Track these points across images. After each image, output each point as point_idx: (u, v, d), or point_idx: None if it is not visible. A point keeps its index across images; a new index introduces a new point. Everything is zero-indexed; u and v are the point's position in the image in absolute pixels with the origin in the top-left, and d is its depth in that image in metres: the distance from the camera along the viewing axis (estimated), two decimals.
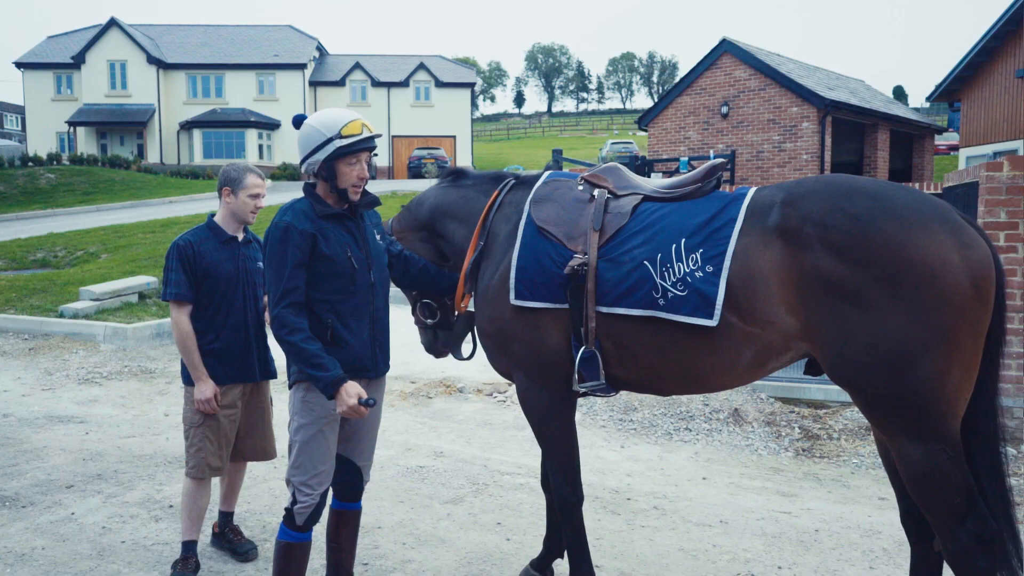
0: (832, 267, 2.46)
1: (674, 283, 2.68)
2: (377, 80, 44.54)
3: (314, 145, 2.87)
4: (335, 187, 2.90)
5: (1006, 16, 20.89)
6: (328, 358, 2.76)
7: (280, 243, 2.82)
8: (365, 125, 2.90)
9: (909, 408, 2.42)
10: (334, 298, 2.88)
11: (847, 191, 2.54)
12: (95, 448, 5.57)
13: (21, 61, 42.08)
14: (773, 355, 2.67)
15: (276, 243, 2.83)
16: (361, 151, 2.89)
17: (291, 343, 2.76)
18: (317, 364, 2.73)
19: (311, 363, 2.73)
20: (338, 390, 2.72)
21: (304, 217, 2.86)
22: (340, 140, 2.84)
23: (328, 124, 2.86)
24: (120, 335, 9.13)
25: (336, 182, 2.89)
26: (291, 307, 2.79)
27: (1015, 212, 5.27)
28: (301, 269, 2.82)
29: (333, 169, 2.88)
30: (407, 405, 6.78)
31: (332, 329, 2.87)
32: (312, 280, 2.86)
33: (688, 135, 22.75)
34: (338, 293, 2.89)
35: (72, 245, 15.85)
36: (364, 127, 2.89)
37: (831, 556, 3.88)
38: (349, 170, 2.89)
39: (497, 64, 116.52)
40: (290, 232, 2.82)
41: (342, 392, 2.71)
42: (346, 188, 2.90)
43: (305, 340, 2.76)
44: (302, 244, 2.82)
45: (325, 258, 2.85)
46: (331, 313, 2.88)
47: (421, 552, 3.91)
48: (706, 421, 6.05)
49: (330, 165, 2.88)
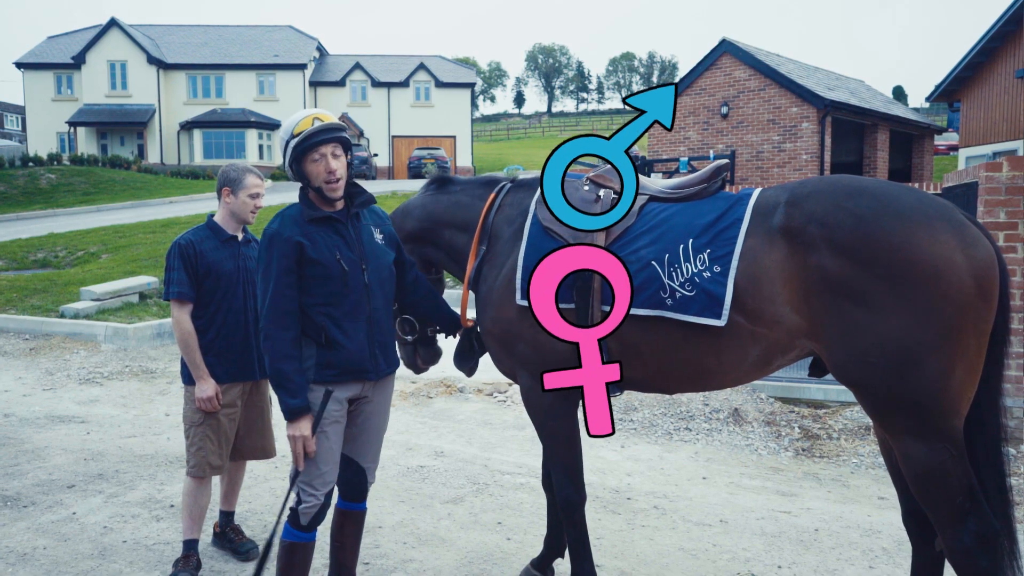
0: (836, 267, 2.47)
1: (682, 283, 2.69)
2: (377, 80, 44.54)
3: (282, 151, 2.92)
4: (311, 187, 2.91)
5: (1006, 16, 20.91)
6: (297, 383, 2.79)
7: (266, 251, 2.85)
8: (317, 118, 2.87)
9: (913, 407, 2.42)
10: (327, 301, 2.88)
11: (851, 191, 2.55)
12: (96, 448, 5.57)
13: (21, 61, 42.08)
14: (778, 353, 2.68)
15: (263, 251, 2.87)
16: (319, 145, 2.85)
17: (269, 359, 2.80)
18: (285, 387, 2.77)
19: (280, 383, 2.78)
20: (296, 420, 2.78)
21: (292, 223, 2.87)
22: (293, 140, 2.85)
23: (286, 128, 2.89)
24: (121, 335, 9.14)
25: (310, 182, 2.90)
26: (277, 318, 2.80)
27: (1014, 212, 5.28)
28: (289, 276, 2.83)
29: (301, 170, 2.89)
30: (407, 405, 6.79)
31: (326, 332, 2.87)
32: (304, 285, 2.86)
33: (688, 135, 22.76)
34: (331, 296, 2.88)
35: (73, 245, 15.86)
36: (316, 120, 2.86)
37: (831, 555, 3.89)
38: (315, 167, 2.87)
39: (497, 64, 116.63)
40: (275, 240, 2.84)
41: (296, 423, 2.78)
42: (320, 186, 2.88)
43: (281, 359, 2.78)
44: (287, 251, 2.82)
45: (313, 263, 2.85)
46: (325, 317, 2.87)
47: (422, 551, 3.92)
48: (706, 421, 6.05)
49: (297, 167, 2.89)
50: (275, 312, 2.80)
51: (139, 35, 41.90)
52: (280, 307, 2.80)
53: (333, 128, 2.87)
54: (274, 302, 2.80)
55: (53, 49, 43.17)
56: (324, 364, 2.87)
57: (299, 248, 2.83)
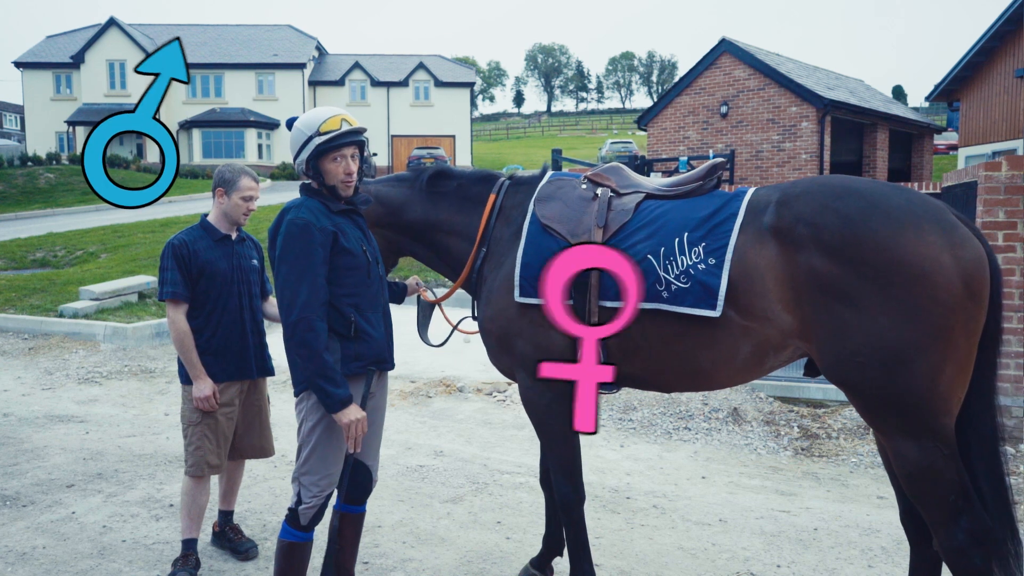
0: (825, 267, 2.48)
1: (677, 276, 2.72)
2: (376, 80, 44.55)
3: (299, 145, 2.88)
4: (324, 185, 2.90)
5: (1005, 16, 20.92)
6: (340, 373, 2.76)
7: (299, 241, 2.77)
8: (345, 119, 2.87)
9: (903, 406, 2.44)
10: (354, 292, 2.88)
11: (840, 191, 2.57)
12: (95, 447, 5.57)
13: (20, 61, 42.07)
14: (771, 351, 2.70)
15: (295, 241, 2.78)
16: (343, 146, 2.86)
17: (313, 349, 2.71)
18: (332, 378, 2.73)
19: (327, 375, 2.72)
20: (344, 408, 2.74)
21: (320, 214, 2.84)
22: (319, 137, 2.83)
23: (309, 123, 2.86)
24: (120, 335, 9.13)
25: (324, 179, 2.89)
26: (317, 309, 2.75)
27: (1013, 212, 5.28)
28: (325, 267, 2.80)
29: (318, 167, 2.88)
30: (407, 404, 6.78)
31: (355, 324, 2.87)
32: (334, 276, 2.84)
33: (687, 135, 22.76)
34: (358, 287, 2.89)
35: (72, 245, 15.86)
36: (344, 121, 2.86)
37: (830, 555, 3.89)
38: (334, 167, 2.87)
39: (496, 64, 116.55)
40: (310, 230, 2.79)
41: (349, 409, 2.75)
42: (335, 185, 2.89)
43: (326, 351, 2.75)
44: (323, 241, 2.79)
45: (346, 252, 2.85)
46: (352, 308, 2.87)
47: (421, 551, 3.92)
48: (705, 420, 6.06)
49: (315, 163, 2.88)
50: (315, 302, 2.74)
51: (138, 34, 41.87)
52: (320, 297, 2.76)
53: (358, 131, 2.90)
54: (313, 292, 2.74)
55: (52, 48, 43.16)
56: (352, 356, 2.86)
57: (335, 238, 2.83)
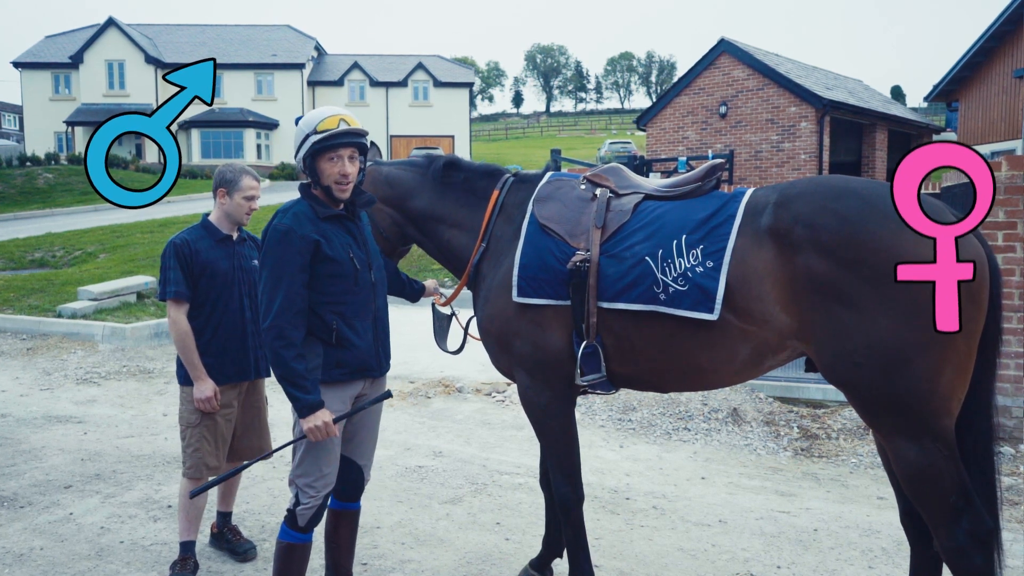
0: (823, 268, 2.47)
1: (675, 278, 2.71)
2: (375, 80, 44.55)
3: (298, 143, 2.87)
4: (319, 185, 2.89)
5: (1004, 16, 20.95)
6: (311, 380, 2.75)
7: (279, 247, 2.78)
8: (345, 120, 2.84)
9: (902, 408, 2.43)
10: (338, 300, 2.86)
11: (838, 192, 2.56)
12: (93, 448, 5.56)
13: (19, 61, 42.04)
14: (769, 353, 2.69)
15: (275, 247, 2.79)
16: (340, 146, 2.83)
17: (281, 357, 2.72)
18: (300, 385, 2.73)
19: (295, 382, 2.72)
20: (312, 414, 2.73)
21: (305, 220, 2.82)
22: (315, 135, 2.81)
23: (309, 121, 2.84)
24: (118, 335, 9.12)
25: (319, 179, 2.87)
26: (291, 317, 2.74)
27: (1013, 212, 5.28)
28: (303, 274, 2.79)
29: (315, 166, 2.86)
30: (406, 405, 6.77)
31: (337, 331, 2.85)
32: (316, 283, 2.82)
33: (686, 135, 22.76)
34: (342, 295, 2.87)
35: (70, 245, 15.84)
36: (343, 122, 2.83)
37: (830, 555, 3.88)
38: (329, 166, 2.84)
39: (495, 64, 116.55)
40: (290, 237, 2.78)
41: (315, 415, 2.73)
42: (329, 185, 2.87)
43: (295, 359, 2.74)
44: (303, 249, 2.78)
45: (329, 260, 2.82)
46: (336, 315, 2.85)
47: (420, 552, 3.91)
48: (705, 421, 6.05)
49: (311, 162, 2.86)
50: (289, 310, 2.74)
51: (137, 35, 41.87)
52: (295, 305, 2.76)
53: (356, 133, 2.86)
54: (288, 300, 2.74)
55: (51, 49, 43.13)
56: (333, 363, 2.85)
57: (316, 246, 2.80)
